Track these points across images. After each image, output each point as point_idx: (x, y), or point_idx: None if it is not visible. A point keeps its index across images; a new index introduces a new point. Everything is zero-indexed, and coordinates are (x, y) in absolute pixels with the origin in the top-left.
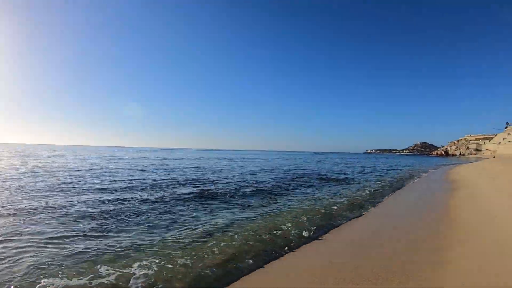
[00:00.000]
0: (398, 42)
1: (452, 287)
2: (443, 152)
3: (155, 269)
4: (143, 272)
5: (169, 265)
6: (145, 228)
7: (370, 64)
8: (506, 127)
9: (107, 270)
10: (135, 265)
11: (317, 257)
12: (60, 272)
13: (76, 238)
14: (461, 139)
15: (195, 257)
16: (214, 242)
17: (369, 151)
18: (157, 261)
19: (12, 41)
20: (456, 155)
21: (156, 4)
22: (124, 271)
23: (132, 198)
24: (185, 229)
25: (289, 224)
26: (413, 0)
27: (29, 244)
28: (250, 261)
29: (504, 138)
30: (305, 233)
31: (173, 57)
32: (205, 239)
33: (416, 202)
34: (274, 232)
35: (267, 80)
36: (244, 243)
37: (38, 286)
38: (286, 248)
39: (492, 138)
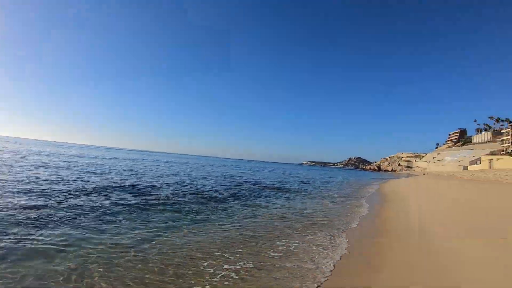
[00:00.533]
0: (336, 55)
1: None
2: (376, 167)
3: None
4: None
5: None
6: (79, 235)
7: (308, 77)
8: (436, 147)
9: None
10: None
11: None
12: None
13: None
14: (393, 156)
15: None
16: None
17: (304, 162)
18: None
19: None
20: (388, 170)
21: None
22: None
23: (63, 201)
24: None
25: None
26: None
27: None
28: None
29: (434, 157)
30: None
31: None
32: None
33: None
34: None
35: (208, 85)
36: None
37: None
38: None
39: (422, 156)
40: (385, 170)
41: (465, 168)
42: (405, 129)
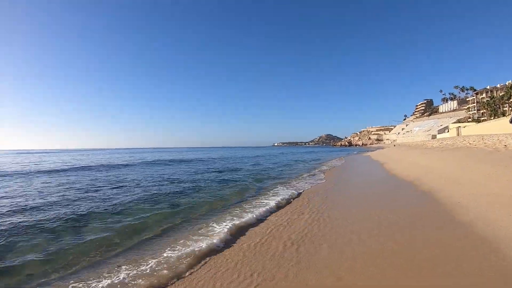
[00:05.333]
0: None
1: None
2: (346, 143)
3: None
4: None
5: None
6: None
7: (274, 58)
8: (404, 119)
9: None
10: None
11: None
12: None
13: None
14: (363, 131)
15: None
16: None
17: (276, 144)
18: None
19: None
20: (359, 145)
21: None
22: None
23: None
24: None
25: None
26: None
27: None
28: None
29: (402, 129)
30: None
31: None
32: None
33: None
34: None
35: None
36: None
37: None
38: None
39: (391, 129)
40: (356, 145)
41: (434, 137)
42: (373, 103)
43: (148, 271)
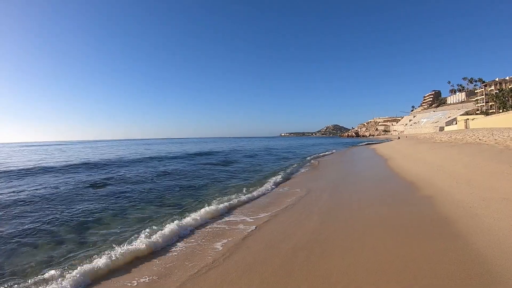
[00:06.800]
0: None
1: None
2: (353, 134)
3: None
4: None
5: None
6: None
7: (281, 48)
8: (412, 110)
9: None
10: None
11: None
12: None
13: None
14: (370, 121)
15: None
16: None
17: (283, 134)
18: None
19: None
20: (366, 136)
21: None
22: None
23: None
24: None
25: None
26: None
27: None
28: None
29: (410, 120)
30: None
31: None
32: None
33: None
34: None
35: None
36: None
37: None
38: None
39: (399, 120)
40: (363, 136)
41: (441, 129)
42: (381, 93)
43: None
